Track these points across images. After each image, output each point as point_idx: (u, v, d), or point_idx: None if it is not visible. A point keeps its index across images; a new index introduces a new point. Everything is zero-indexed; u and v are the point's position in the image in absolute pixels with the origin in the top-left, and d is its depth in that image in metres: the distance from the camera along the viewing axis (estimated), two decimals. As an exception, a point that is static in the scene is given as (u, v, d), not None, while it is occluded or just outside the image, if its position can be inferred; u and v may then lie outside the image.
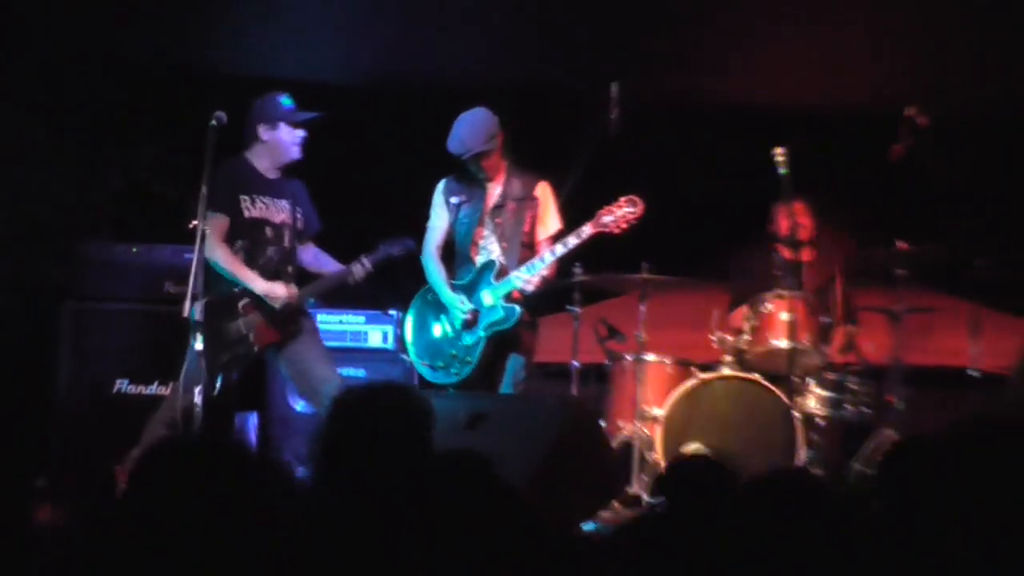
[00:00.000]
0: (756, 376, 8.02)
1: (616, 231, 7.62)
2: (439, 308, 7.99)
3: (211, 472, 3.29)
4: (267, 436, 8.56)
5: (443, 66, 10.04)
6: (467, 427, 6.96)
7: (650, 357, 8.29)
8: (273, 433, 8.56)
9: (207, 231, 6.97)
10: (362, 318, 9.30)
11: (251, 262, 7.36)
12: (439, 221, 7.98)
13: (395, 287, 8.76)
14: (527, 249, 7.84)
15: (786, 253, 8.28)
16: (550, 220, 7.91)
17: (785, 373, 7.82)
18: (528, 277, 7.62)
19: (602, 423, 8.05)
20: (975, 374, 7.96)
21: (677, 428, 8.06)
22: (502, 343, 7.78)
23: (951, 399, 8.26)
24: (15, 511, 4.08)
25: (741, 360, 8.22)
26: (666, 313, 8.50)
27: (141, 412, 7.43)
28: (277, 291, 7.40)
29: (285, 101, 7.56)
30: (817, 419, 8.01)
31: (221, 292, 7.26)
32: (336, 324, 9.23)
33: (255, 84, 7.74)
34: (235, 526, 3.21)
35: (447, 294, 7.88)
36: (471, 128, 7.73)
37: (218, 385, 7.28)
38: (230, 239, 7.38)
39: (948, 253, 8.03)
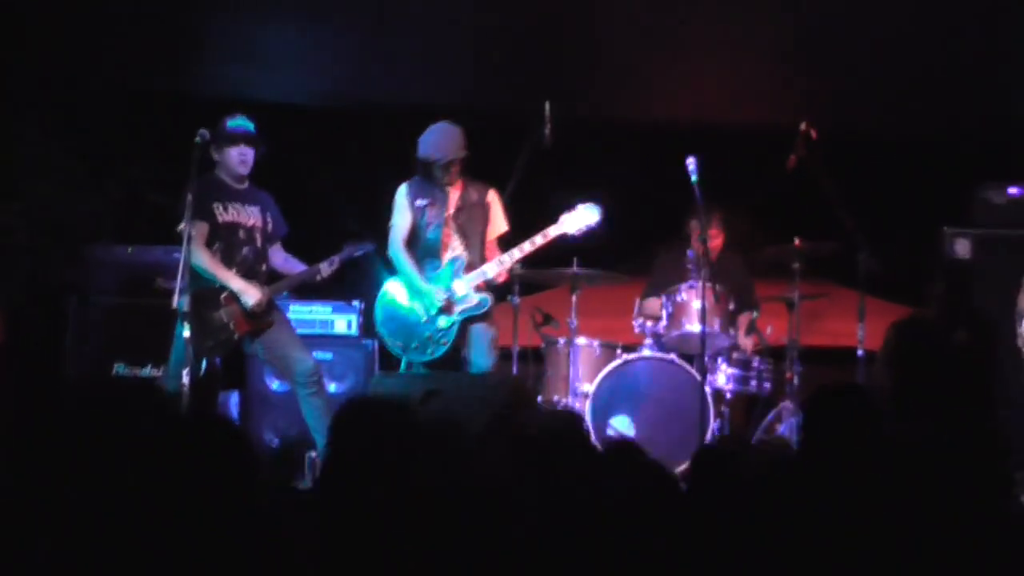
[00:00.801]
0: (672, 356, 8.37)
1: (575, 233, 7.87)
2: (411, 296, 8.03)
3: (203, 442, 3.56)
4: (247, 412, 8.70)
5: (395, 91, 10.17)
6: (422, 403, 6.94)
7: (580, 341, 8.65)
8: (252, 409, 8.70)
9: (192, 236, 7.24)
10: (329, 308, 9.40)
11: (228, 261, 7.58)
12: (403, 220, 8.04)
13: (358, 281, 8.86)
14: (482, 247, 8.01)
15: (698, 250, 8.38)
16: (499, 222, 8.08)
17: (697, 354, 8.05)
18: (499, 270, 7.87)
19: (539, 398, 8.38)
20: (861, 353, 8.15)
21: (604, 402, 8.42)
22: (468, 321, 7.92)
23: (841, 375, 8.38)
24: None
25: (659, 343, 8.52)
26: (594, 303, 8.80)
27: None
28: (251, 291, 7.58)
29: (230, 123, 7.72)
30: (726, 394, 8.36)
31: (204, 286, 7.46)
32: (306, 313, 9.34)
33: (234, 106, 7.82)
34: (225, 491, 3.47)
35: (421, 284, 7.95)
36: (449, 137, 7.89)
37: (203, 368, 7.47)
38: (210, 243, 7.60)
39: (837, 249, 8.30)
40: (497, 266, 7.94)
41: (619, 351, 8.60)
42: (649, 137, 8.34)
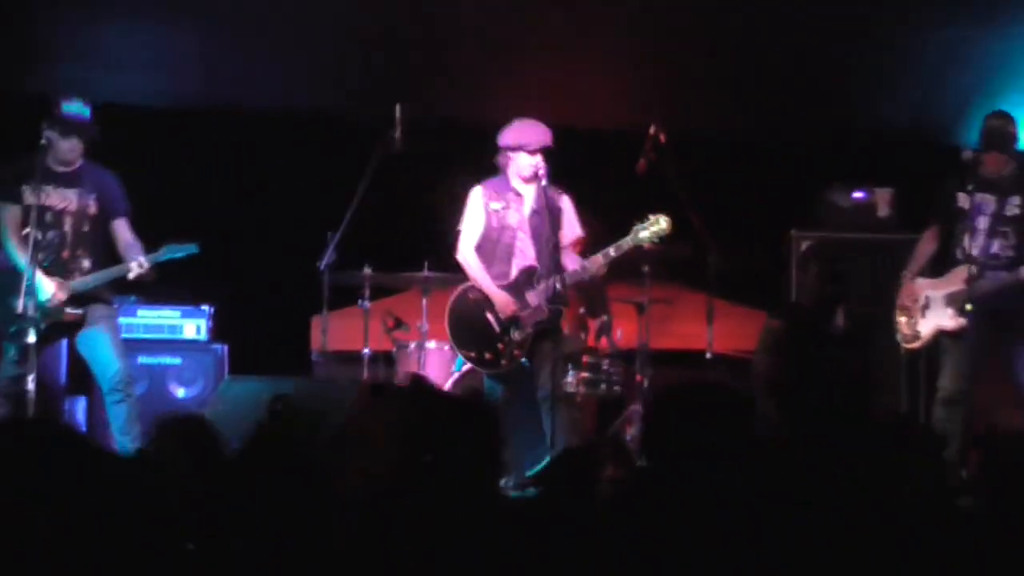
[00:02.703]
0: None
1: (647, 245, 7.75)
2: (483, 304, 7.87)
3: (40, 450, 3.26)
4: (93, 419, 8.42)
5: (246, 93, 10.09)
6: (270, 407, 6.60)
7: (431, 344, 8.56)
8: (100, 416, 8.14)
9: (2, 220, 7.42)
10: (178, 312, 9.35)
11: (36, 245, 7.32)
12: (475, 223, 7.91)
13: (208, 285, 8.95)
14: (556, 253, 7.75)
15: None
16: (574, 227, 7.95)
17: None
18: (575, 279, 7.71)
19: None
20: (709, 355, 8.29)
21: None
22: (542, 333, 7.76)
23: (691, 378, 7.87)
24: None
25: (511, 346, 8.37)
26: (445, 306, 8.30)
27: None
28: (47, 285, 7.44)
29: (66, 107, 7.58)
30: (576, 397, 8.25)
31: (11, 270, 7.42)
32: (154, 318, 9.30)
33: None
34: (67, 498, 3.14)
35: (496, 292, 7.81)
36: (534, 126, 7.77)
37: (12, 354, 7.38)
38: (23, 226, 7.48)
39: (686, 251, 8.25)
40: (572, 276, 7.74)
41: (454, 348, 8.33)
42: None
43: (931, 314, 7.82)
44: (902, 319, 7.92)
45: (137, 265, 7.49)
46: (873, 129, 10.19)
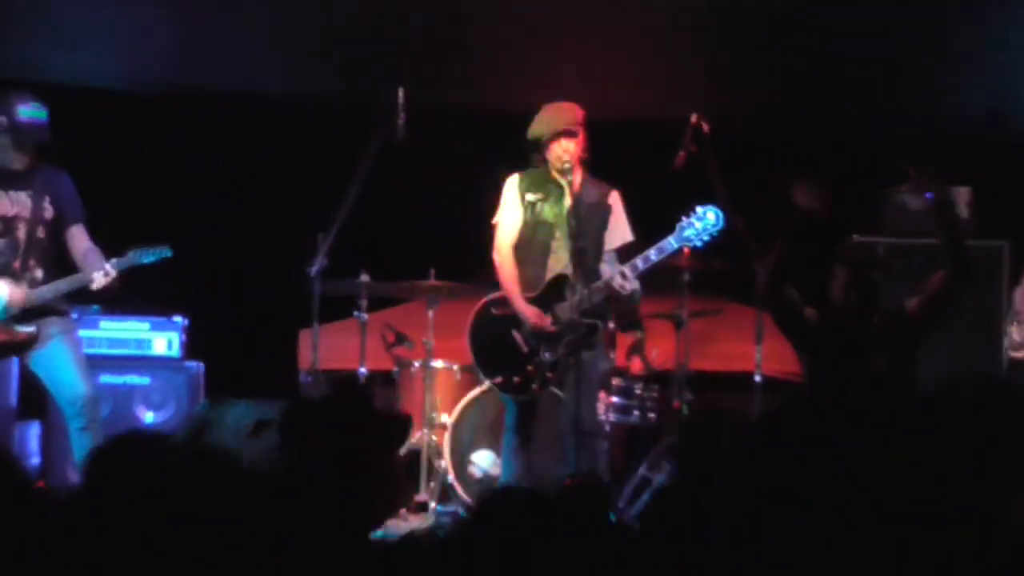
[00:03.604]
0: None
1: (698, 241, 7.39)
2: (510, 320, 7.60)
3: None
4: (50, 445, 8.35)
5: (225, 76, 9.88)
6: (252, 435, 6.49)
7: (438, 364, 8.43)
8: (56, 443, 8.24)
9: None
10: (147, 324, 9.18)
11: None
12: (512, 217, 7.66)
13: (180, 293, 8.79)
14: (597, 257, 7.56)
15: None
16: (622, 230, 7.66)
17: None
18: (613, 288, 7.29)
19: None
20: (758, 378, 7.84)
21: (465, 435, 8.22)
22: (577, 353, 7.44)
23: (736, 403, 8.29)
24: None
25: (529, 366, 8.31)
26: (454, 320, 8.24)
27: None
28: (2, 291, 7.33)
29: (23, 112, 7.42)
30: (604, 425, 7.99)
31: None
32: (119, 331, 9.11)
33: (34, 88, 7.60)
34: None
35: (525, 307, 7.49)
36: (556, 109, 7.51)
37: None
38: None
39: (731, 259, 7.95)
40: (611, 284, 7.33)
41: (479, 373, 8.08)
42: (513, 131, 7.88)
43: None
44: (1013, 326, 7.70)
45: (102, 274, 7.27)
46: (947, 126, 9.89)
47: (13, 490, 3.42)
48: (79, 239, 7.56)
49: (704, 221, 7.25)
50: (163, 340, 9.16)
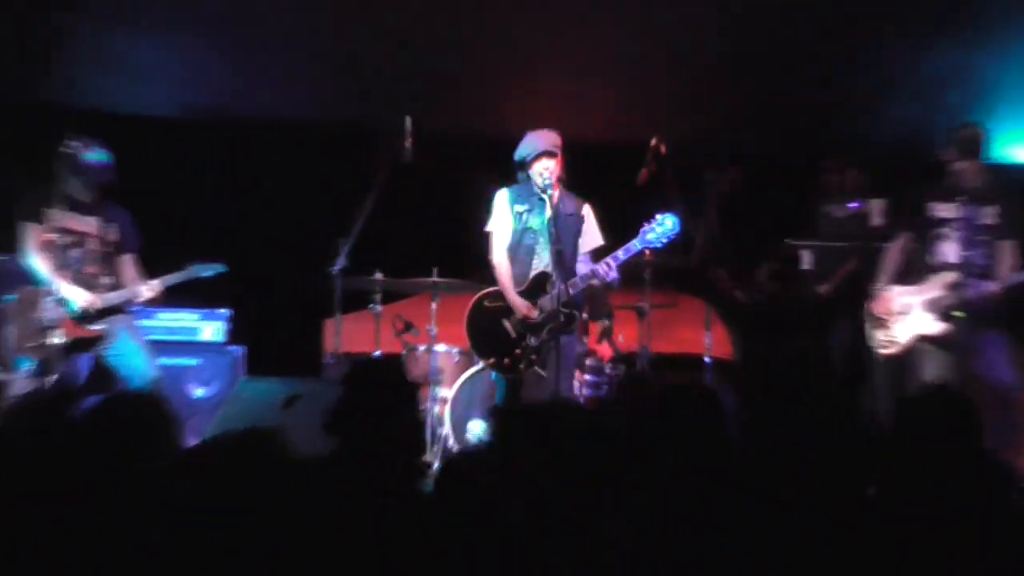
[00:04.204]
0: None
1: (658, 244, 7.65)
2: (500, 312, 7.87)
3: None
4: None
5: (261, 105, 10.20)
6: (284, 407, 6.99)
7: (440, 348, 8.62)
8: None
9: (25, 239, 7.57)
10: (197, 315, 9.38)
11: (58, 264, 7.60)
12: (503, 225, 7.90)
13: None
14: (573, 258, 7.82)
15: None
16: (594, 235, 7.92)
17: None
18: (588, 283, 7.60)
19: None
20: (708, 360, 8.31)
21: (462, 407, 8.39)
22: (557, 338, 7.61)
23: (689, 380, 8.13)
24: None
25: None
26: (453, 310, 8.48)
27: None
28: (78, 294, 7.58)
29: (88, 156, 7.73)
30: (579, 399, 8.23)
31: (34, 288, 7.57)
32: (174, 321, 9.34)
33: (97, 118, 8.00)
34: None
35: (517, 299, 7.79)
36: (538, 135, 7.77)
37: (25, 368, 7.49)
38: (44, 247, 7.63)
39: (685, 260, 8.33)
40: (597, 271, 7.68)
41: (474, 355, 8.35)
42: (501, 152, 8.18)
43: (910, 320, 7.79)
44: (876, 328, 7.88)
45: (148, 289, 7.73)
46: (868, 143, 10.10)
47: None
48: (129, 268, 7.89)
49: (663, 227, 7.57)
50: (210, 328, 9.45)
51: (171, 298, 8.41)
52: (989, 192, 7.74)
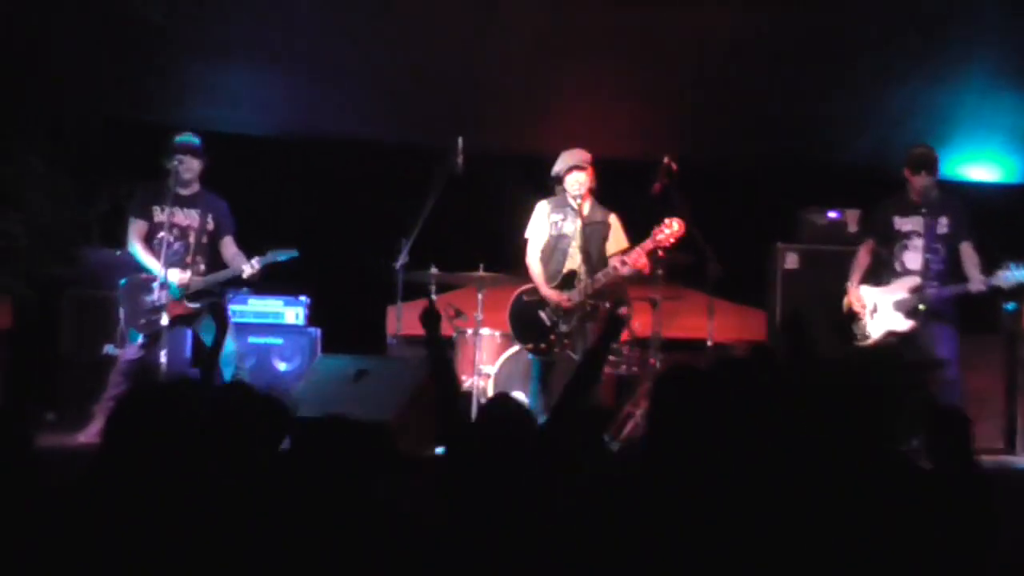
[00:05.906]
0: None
1: (667, 244, 8.09)
2: (537, 304, 8.28)
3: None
4: None
5: (340, 127, 10.75)
6: (355, 380, 7.82)
7: (485, 331, 9.02)
8: None
9: (130, 232, 7.98)
10: (281, 301, 9.84)
11: (160, 254, 7.91)
12: (539, 233, 8.33)
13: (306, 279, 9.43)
14: (601, 262, 8.23)
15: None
16: (620, 239, 8.35)
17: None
18: (608, 279, 8.13)
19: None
20: (710, 343, 8.68)
21: (503, 381, 8.84)
22: (584, 324, 8.18)
23: (694, 361, 7.33)
24: (25, 437, 3.94)
25: (549, 334, 8.53)
26: (497, 300, 8.92)
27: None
28: (175, 275, 7.92)
29: (177, 139, 8.06)
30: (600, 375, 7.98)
31: (139, 275, 8.03)
32: (262, 306, 9.80)
33: (202, 136, 8.28)
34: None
35: (550, 292, 8.21)
36: (570, 153, 8.20)
37: (139, 342, 7.94)
38: (149, 238, 8.04)
39: (690, 259, 8.65)
40: (606, 275, 8.16)
41: (515, 340, 8.81)
42: (545, 169, 8.64)
43: (880, 318, 8.20)
44: (852, 323, 8.29)
45: (250, 266, 8.08)
46: (845, 162, 10.63)
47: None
48: (229, 246, 8.26)
49: (671, 228, 8.10)
50: (292, 312, 9.90)
51: (259, 287, 8.87)
52: (940, 204, 8.19)
